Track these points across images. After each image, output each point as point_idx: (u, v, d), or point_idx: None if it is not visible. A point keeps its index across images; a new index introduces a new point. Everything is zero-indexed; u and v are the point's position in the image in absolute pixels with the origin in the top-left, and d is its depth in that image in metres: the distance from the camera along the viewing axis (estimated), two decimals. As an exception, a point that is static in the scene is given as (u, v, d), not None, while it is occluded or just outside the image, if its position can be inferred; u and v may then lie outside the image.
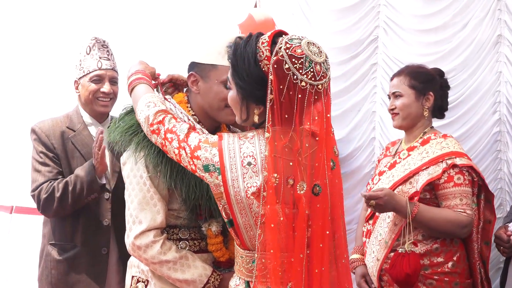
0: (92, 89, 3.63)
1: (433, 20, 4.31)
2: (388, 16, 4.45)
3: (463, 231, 3.29)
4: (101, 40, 3.72)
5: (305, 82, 2.13)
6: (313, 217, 2.21)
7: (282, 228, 2.17)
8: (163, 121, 2.41)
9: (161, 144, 2.41)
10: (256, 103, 2.24)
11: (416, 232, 3.34)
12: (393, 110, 3.56)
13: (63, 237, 3.59)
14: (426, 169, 3.35)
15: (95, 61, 3.64)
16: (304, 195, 2.18)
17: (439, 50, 4.28)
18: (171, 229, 2.69)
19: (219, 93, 2.59)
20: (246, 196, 2.20)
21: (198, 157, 2.27)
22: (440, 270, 3.31)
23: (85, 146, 3.61)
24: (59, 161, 3.57)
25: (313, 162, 2.22)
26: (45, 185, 3.49)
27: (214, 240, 2.70)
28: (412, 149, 3.50)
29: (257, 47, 2.20)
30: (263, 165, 2.18)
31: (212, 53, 2.61)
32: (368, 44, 4.53)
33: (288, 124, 2.17)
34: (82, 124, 3.68)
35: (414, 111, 3.50)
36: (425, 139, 3.49)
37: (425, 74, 3.56)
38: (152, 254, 2.59)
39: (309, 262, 2.21)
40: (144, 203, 2.60)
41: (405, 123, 3.53)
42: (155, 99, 2.54)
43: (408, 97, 3.49)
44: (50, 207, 3.49)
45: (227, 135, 2.30)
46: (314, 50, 2.18)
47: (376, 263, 3.41)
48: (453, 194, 3.30)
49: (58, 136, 3.60)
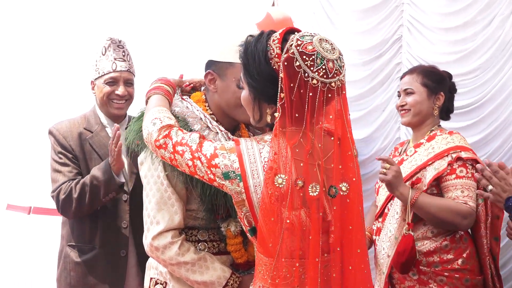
0: (107, 91, 3.61)
1: (457, 18, 4.27)
2: (412, 15, 4.43)
3: (464, 222, 3.27)
4: (117, 40, 3.69)
5: (316, 80, 2.07)
6: (332, 220, 2.16)
7: (293, 233, 2.12)
8: (170, 134, 2.33)
9: (170, 158, 2.33)
10: (268, 102, 2.19)
11: (425, 228, 3.37)
12: (403, 106, 3.60)
13: (82, 238, 3.59)
14: (432, 164, 3.38)
15: (110, 62, 3.62)
16: (317, 198, 2.12)
17: (463, 48, 4.25)
18: (189, 231, 2.66)
19: (236, 91, 2.55)
20: (270, 202, 2.13)
21: (216, 165, 2.20)
22: (450, 267, 3.33)
23: (102, 147, 3.60)
24: (78, 162, 3.57)
25: (328, 164, 2.16)
26: (64, 185, 3.48)
27: (234, 241, 2.67)
28: (418, 146, 3.54)
29: (268, 45, 2.15)
30: (285, 168, 2.12)
31: (229, 51, 2.59)
32: (392, 43, 4.51)
33: (300, 124, 2.12)
34: (100, 125, 3.67)
35: (425, 108, 3.54)
36: (431, 136, 3.53)
37: (437, 74, 3.60)
38: (170, 255, 2.56)
39: (327, 266, 2.17)
40: (162, 203, 2.58)
41: (415, 120, 3.57)
42: (162, 115, 2.45)
43: (420, 95, 3.54)
44: (69, 208, 3.48)
45: (244, 140, 2.25)
46: (327, 47, 2.12)
47: (387, 259, 3.42)
48: (455, 186, 3.31)
49: (75, 137, 3.59)
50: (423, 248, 3.35)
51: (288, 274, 2.14)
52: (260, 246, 2.22)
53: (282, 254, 2.14)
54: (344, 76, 2.16)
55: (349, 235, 2.17)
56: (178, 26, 5.29)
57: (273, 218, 2.13)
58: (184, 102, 2.70)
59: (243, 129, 2.81)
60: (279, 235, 2.13)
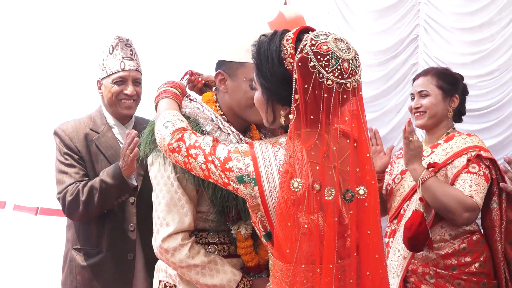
0: (115, 91, 3.58)
1: (475, 18, 4.25)
2: (429, 14, 4.42)
3: (464, 215, 3.27)
4: (124, 39, 3.66)
5: (331, 80, 2.04)
6: (348, 224, 2.14)
7: (310, 238, 2.10)
8: (183, 138, 2.31)
9: (183, 162, 2.31)
10: (282, 104, 2.17)
11: (443, 231, 3.38)
12: (418, 109, 3.60)
13: (88, 242, 3.57)
14: (452, 163, 3.40)
15: (118, 61, 3.59)
16: (332, 202, 2.10)
17: (482, 49, 4.23)
18: (199, 233, 2.65)
19: (247, 91, 2.55)
20: (286, 206, 2.10)
21: (230, 169, 2.18)
22: (467, 270, 3.33)
23: (109, 148, 3.58)
24: (84, 163, 3.54)
25: (344, 166, 2.14)
26: (71, 187, 3.46)
27: (244, 244, 2.65)
28: (435, 146, 3.55)
29: (281, 45, 2.13)
30: (301, 171, 2.10)
31: (239, 50, 2.57)
32: (408, 43, 4.51)
33: (314, 126, 2.09)
34: (106, 126, 3.64)
35: (440, 110, 3.55)
36: (449, 137, 3.54)
37: (452, 77, 3.61)
38: (180, 258, 2.55)
39: (344, 271, 2.15)
40: (172, 205, 2.57)
41: (430, 122, 3.58)
42: (173, 118, 2.44)
43: (435, 97, 3.54)
44: (75, 210, 3.46)
45: (258, 143, 2.22)
46: (342, 47, 2.09)
47: (403, 261, 3.42)
48: (464, 179, 3.33)
49: (81, 138, 3.57)
50: (441, 251, 3.35)
51: (305, 280, 2.12)
52: (276, 252, 2.19)
53: (299, 260, 2.12)
54: (360, 76, 2.12)
55: (366, 240, 2.15)
56: (188, 25, 5.30)
57: (289, 223, 2.10)
58: (193, 103, 2.68)
59: (254, 130, 2.79)
60: (296, 241, 2.10)
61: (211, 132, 2.58)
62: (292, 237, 2.11)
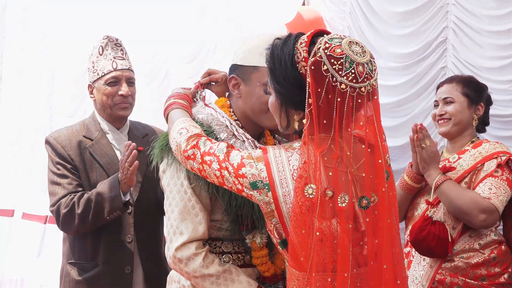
0: (109, 92, 3.53)
1: (507, 20, 4.23)
2: (458, 16, 4.39)
3: (480, 217, 3.30)
4: (114, 38, 3.61)
5: (345, 84, 2.08)
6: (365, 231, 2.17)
7: (325, 245, 2.14)
8: (198, 145, 2.35)
9: (199, 169, 2.35)
10: (296, 108, 2.21)
11: (472, 240, 3.41)
12: (442, 115, 3.63)
13: (83, 255, 3.51)
14: (482, 167, 3.44)
15: (110, 61, 3.55)
16: (346, 209, 2.13)
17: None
18: (213, 242, 2.67)
19: (261, 96, 2.58)
20: (300, 212, 2.14)
21: (243, 175, 2.23)
22: (497, 281, 3.36)
23: (104, 156, 3.54)
24: (78, 173, 3.50)
25: (360, 172, 2.17)
26: (64, 199, 3.42)
27: (259, 253, 2.66)
28: (462, 152, 3.56)
29: (295, 48, 2.17)
30: (315, 177, 2.13)
31: (253, 54, 2.61)
32: (436, 46, 4.49)
33: (328, 130, 2.13)
34: (100, 132, 3.59)
35: (465, 118, 3.59)
36: (476, 143, 3.57)
37: (477, 85, 3.67)
38: (194, 268, 2.57)
39: (362, 280, 2.17)
40: (185, 213, 2.59)
41: (454, 130, 3.61)
42: (187, 124, 2.48)
43: (460, 104, 3.59)
44: (71, 224, 3.43)
45: (272, 148, 2.26)
46: (357, 50, 2.13)
47: (429, 270, 3.45)
48: (485, 182, 3.38)
49: (75, 146, 3.52)
50: (470, 260, 3.37)
51: None
52: (291, 260, 2.22)
53: (314, 268, 2.14)
54: (375, 80, 2.15)
55: (379, 248, 2.17)
56: (201, 28, 5.38)
57: (304, 230, 2.14)
58: (207, 109, 2.72)
59: (268, 135, 2.82)
60: (311, 248, 2.13)
61: (226, 139, 2.61)
62: (307, 245, 2.14)
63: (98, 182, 3.50)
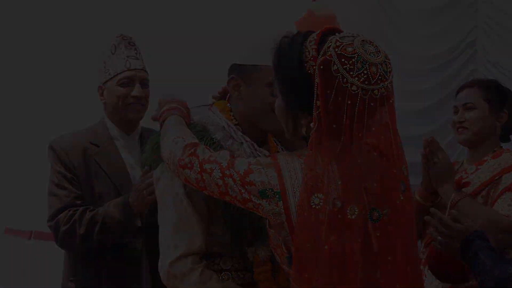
0: (121, 93, 3.47)
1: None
2: (488, 14, 4.43)
3: (499, 236, 3.24)
4: (128, 37, 3.58)
5: (356, 86, 2.05)
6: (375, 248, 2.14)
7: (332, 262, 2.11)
8: (195, 152, 2.33)
9: (196, 180, 2.32)
10: (303, 111, 2.19)
11: None
12: (461, 123, 3.57)
13: (86, 273, 3.47)
14: (500, 180, 3.42)
15: (123, 60, 3.51)
16: (356, 221, 2.10)
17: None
18: (211, 258, 2.65)
19: (264, 97, 2.57)
20: (305, 223, 2.12)
21: (251, 182, 2.20)
22: None
23: (111, 165, 3.48)
24: (78, 184, 3.45)
25: (371, 182, 2.15)
26: (63, 214, 3.37)
27: (262, 268, 2.65)
28: (481, 163, 3.54)
29: (304, 47, 2.16)
30: (322, 186, 2.10)
31: (254, 52, 2.62)
32: (464, 48, 4.54)
33: (337, 136, 2.10)
34: (108, 138, 3.55)
35: (487, 126, 3.54)
36: (497, 153, 3.53)
37: (501, 89, 3.61)
38: (189, 284, 2.56)
39: None
40: (181, 225, 2.58)
41: (475, 138, 3.56)
42: (183, 133, 2.48)
43: (481, 110, 3.53)
44: (71, 243, 3.40)
45: (282, 154, 2.25)
46: (370, 49, 2.10)
47: None
48: (504, 198, 3.35)
49: (79, 153, 3.47)
50: None
51: None
52: (295, 278, 2.19)
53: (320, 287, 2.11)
54: (391, 83, 2.12)
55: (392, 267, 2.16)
56: (213, 24, 5.44)
57: (309, 245, 2.12)
58: (207, 112, 2.73)
59: (270, 141, 2.81)
60: (316, 263, 2.11)
61: (221, 140, 2.61)
62: (312, 261, 2.12)
63: (102, 193, 3.48)
